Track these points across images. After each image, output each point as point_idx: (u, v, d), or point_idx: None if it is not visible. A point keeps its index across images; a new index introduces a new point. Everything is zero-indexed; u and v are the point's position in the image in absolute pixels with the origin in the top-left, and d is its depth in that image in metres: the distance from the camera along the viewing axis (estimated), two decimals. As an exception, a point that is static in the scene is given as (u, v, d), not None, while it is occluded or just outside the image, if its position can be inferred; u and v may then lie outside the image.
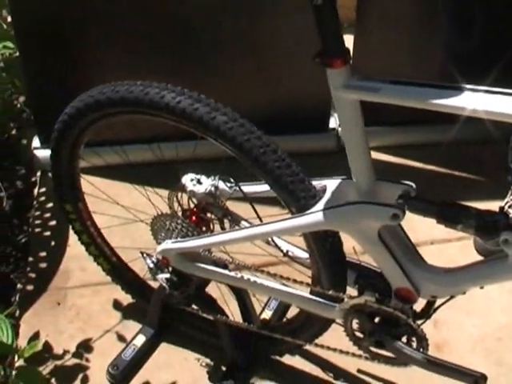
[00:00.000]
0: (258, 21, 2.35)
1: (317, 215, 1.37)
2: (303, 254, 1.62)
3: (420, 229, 1.72)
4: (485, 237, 1.29)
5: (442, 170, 2.55)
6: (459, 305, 1.46)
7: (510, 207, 2.09)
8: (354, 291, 1.52)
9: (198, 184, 1.65)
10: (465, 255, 1.39)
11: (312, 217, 1.38)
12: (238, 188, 1.61)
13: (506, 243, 1.24)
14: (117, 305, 2.07)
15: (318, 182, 1.43)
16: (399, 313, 1.45)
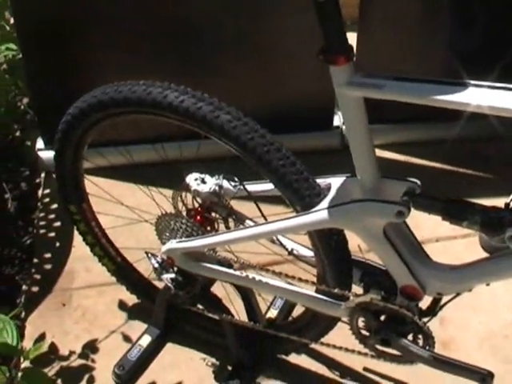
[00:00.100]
0: (259, 20, 2.34)
1: (321, 213, 1.37)
2: (308, 252, 1.61)
3: (425, 226, 1.71)
4: (490, 233, 1.28)
5: (447, 167, 2.55)
6: (465, 302, 1.45)
7: (516, 203, 2.08)
8: (359, 289, 1.52)
9: (202, 183, 1.64)
10: (470, 252, 1.39)
11: (317, 215, 1.38)
12: (242, 187, 1.61)
13: (511, 240, 1.23)
14: (122, 305, 2.07)
15: (322, 180, 1.43)
16: (405, 310, 1.45)
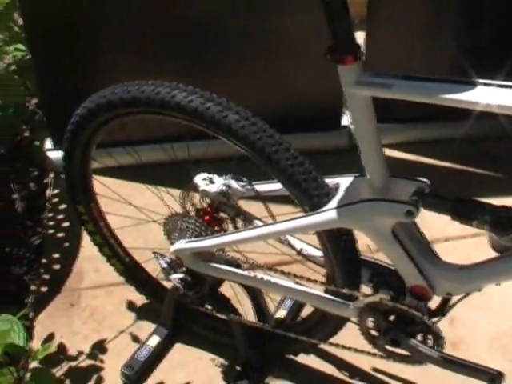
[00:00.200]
0: (267, 20, 2.34)
1: (330, 213, 1.37)
2: (317, 252, 1.61)
3: (434, 225, 1.71)
4: (500, 233, 1.28)
5: (456, 166, 2.54)
6: (475, 302, 1.45)
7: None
8: (368, 289, 1.52)
9: (210, 183, 1.64)
10: (480, 252, 1.39)
11: (325, 215, 1.37)
12: (250, 187, 1.60)
13: (521, 239, 1.23)
14: (130, 305, 2.07)
15: (330, 180, 1.43)
16: (414, 310, 1.45)
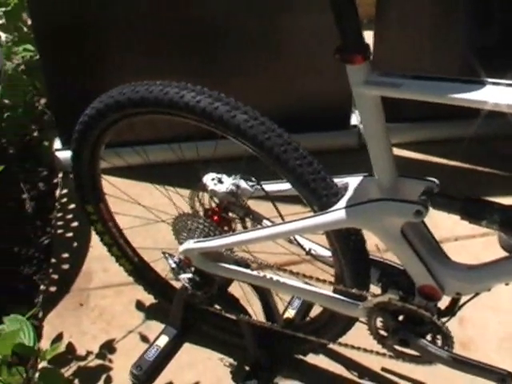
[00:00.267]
0: (276, 20, 2.34)
1: (339, 213, 1.37)
2: (326, 252, 1.61)
3: (443, 225, 1.71)
4: (509, 232, 1.27)
5: (465, 166, 2.53)
6: (484, 302, 1.44)
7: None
8: (377, 289, 1.51)
9: (219, 183, 1.64)
10: (489, 251, 1.38)
11: (334, 215, 1.37)
12: (259, 187, 1.60)
13: (531, 239, 1.23)
14: (139, 305, 2.07)
15: (339, 180, 1.43)
16: (423, 310, 1.44)
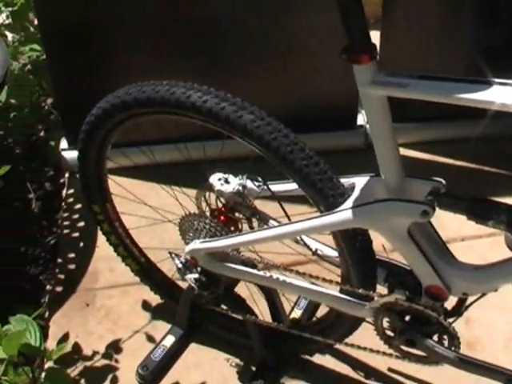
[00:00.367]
0: (282, 21, 2.34)
1: (346, 213, 1.36)
2: (332, 252, 1.61)
3: (450, 225, 1.70)
4: (516, 233, 1.27)
5: (472, 166, 2.53)
6: (491, 302, 1.43)
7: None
8: (384, 289, 1.51)
9: (225, 183, 1.64)
10: (496, 252, 1.38)
11: (341, 215, 1.37)
12: (265, 187, 1.60)
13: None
14: (146, 305, 2.08)
15: (346, 180, 1.42)
16: (430, 311, 1.44)
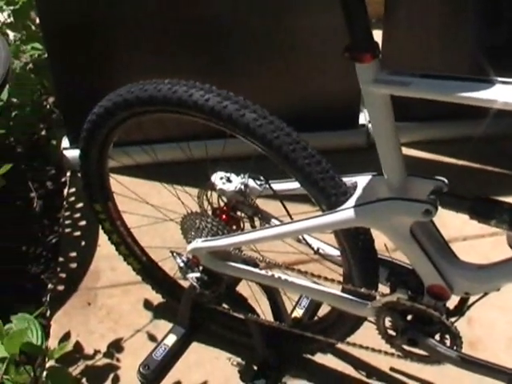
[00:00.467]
0: (284, 20, 2.34)
1: (348, 212, 1.36)
2: (334, 251, 1.60)
3: (452, 225, 1.70)
4: (519, 232, 1.27)
5: (474, 165, 2.52)
6: (493, 301, 1.43)
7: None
8: (386, 289, 1.51)
9: (227, 182, 1.64)
10: (498, 251, 1.38)
11: (343, 214, 1.37)
12: (267, 186, 1.60)
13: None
14: (147, 304, 2.07)
15: (348, 179, 1.42)
16: (432, 310, 1.44)
